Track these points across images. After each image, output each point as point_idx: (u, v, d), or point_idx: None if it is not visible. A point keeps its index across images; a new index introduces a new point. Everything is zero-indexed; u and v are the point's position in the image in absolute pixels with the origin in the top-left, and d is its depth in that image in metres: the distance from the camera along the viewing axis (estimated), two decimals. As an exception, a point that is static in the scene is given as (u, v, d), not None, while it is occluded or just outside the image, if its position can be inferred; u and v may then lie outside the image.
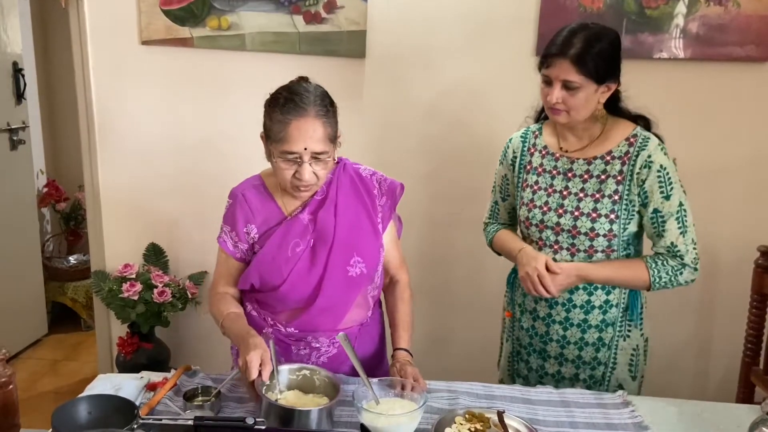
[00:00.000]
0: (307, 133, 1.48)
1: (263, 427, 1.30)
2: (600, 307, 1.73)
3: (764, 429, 1.24)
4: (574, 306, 1.74)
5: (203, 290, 2.83)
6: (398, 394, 1.43)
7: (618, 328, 1.75)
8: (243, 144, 2.73)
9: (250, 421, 1.29)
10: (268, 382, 1.40)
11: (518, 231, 1.87)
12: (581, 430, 1.41)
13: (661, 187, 1.62)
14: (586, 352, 1.75)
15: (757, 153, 2.52)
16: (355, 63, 2.55)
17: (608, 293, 1.72)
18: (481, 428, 1.35)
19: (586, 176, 1.69)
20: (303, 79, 1.57)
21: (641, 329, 1.78)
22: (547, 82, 1.63)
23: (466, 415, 1.40)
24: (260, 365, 1.37)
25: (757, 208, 2.55)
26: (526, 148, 1.80)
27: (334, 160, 1.59)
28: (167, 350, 2.88)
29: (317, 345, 1.64)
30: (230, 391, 1.52)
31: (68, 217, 3.98)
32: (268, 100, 1.55)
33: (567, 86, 1.59)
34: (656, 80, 2.45)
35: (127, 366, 2.74)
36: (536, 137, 1.80)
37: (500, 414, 1.37)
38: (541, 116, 1.84)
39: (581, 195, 1.69)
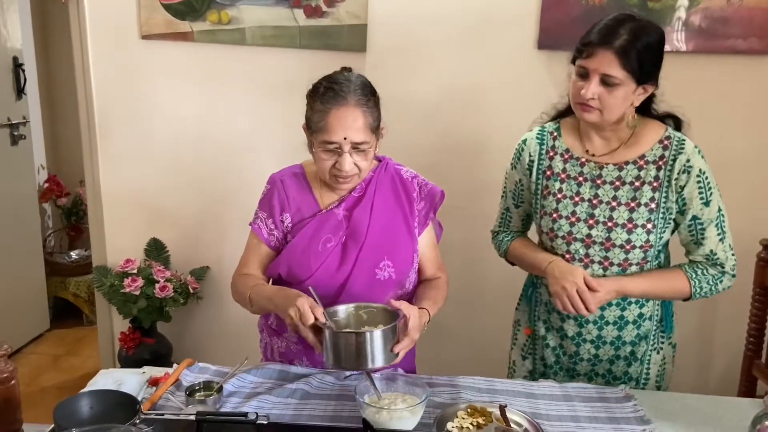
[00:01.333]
0: (346, 122, 1.46)
1: (265, 422, 1.30)
2: (634, 321, 1.63)
3: (767, 423, 1.23)
4: (607, 323, 1.62)
5: (205, 285, 2.84)
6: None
7: (651, 342, 1.66)
8: (243, 138, 2.74)
9: (252, 416, 1.29)
10: (325, 321, 1.37)
11: (538, 242, 1.74)
12: (583, 424, 1.41)
13: (701, 193, 1.51)
14: (617, 367, 1.66)
15: (759, 146, 2.51)
16: (355, 57, 2.54)
17: (641, 306, 1.62)
18: (483, 422, 1.35)
19: (617, 183, 1.55)
20: (345, 69, 1.55)
21: (671, 338, 1.70)
22: (583, 74, 1.48)
23: (468, 409, 1.40)
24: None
25: (760, 202, 2.55)
26: (544, 151, 1.64)
27: (376, 150, 1.56)
28: (169, 345, 2.89)
29: None
30: (232, 386, 1.52)
31: (69, 213, 3.98)
32: (309, 91, 1.54)
33: (605, 81, 1.45)
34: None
35: (129, 361, 2.74)
36: (555, 139, 1.64)
37: (502, 408, 1.37)
38: (560, 116, 1.70)
39: (614, 204, 1.55)
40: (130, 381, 1.52)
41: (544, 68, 2.44)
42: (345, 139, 1.47)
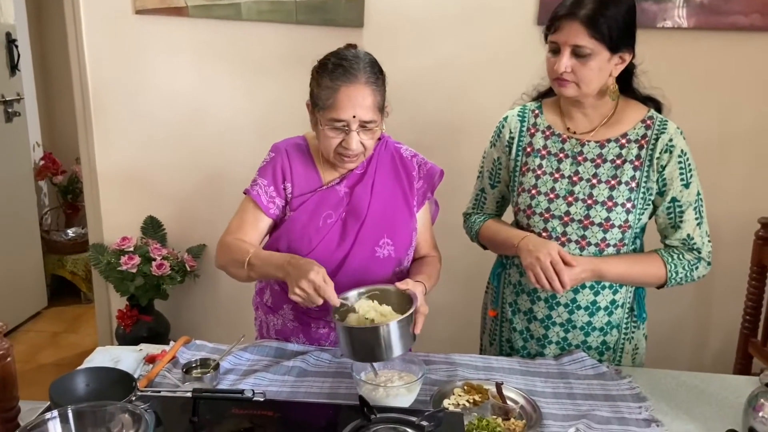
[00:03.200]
0: (356, 100, 1.44)
1: (262, 399, 1.30)
2: (606, 308, 1.60)
3: (763, 400, 1.24)
4: (579, 307, 1.59)
5: (201, 263, 2.83)
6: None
7: (623, 331, 1.63)
8: (239, 114, 2.71)
9: (249, 393, 1.29)
10: (339, 304, 1.36)
11: (514, 222, 1.70)
12: (579, 401, 1.41)
13: (681, 174, 1.50)
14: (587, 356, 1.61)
15: (759, 124, 2.50)
16: (352, 33, 2.51)
17: (615, 292, 1.59)
18: (480, 399, 1.36)
19: (598, 160, 1.53)
20: (351, 46, 1.52)
21: (644, 328, 1.68)
22: (555, 50, 1.47)
23: (465, 387, 1.40)
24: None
25: (759, 180, 2.54)
26: (525, 128, 1.62)
27: (382, 130, 1.54)
28: (166, 323, 2.89)
29: None
30: (229, 363, 1.52)
31: (66, 190, 3.96)
32: (316, 67, 1.50)
33: (577, 53, 1.43)
34: (659, 50, 2.39)
35: (126, 339, 2.75)
36: (536, 116, 1.62)
37: (498, 385, 1.37)
38: (541, 97, 1.68)
39: (594, 181, 1.53)
40: (126, 358, 1.52)
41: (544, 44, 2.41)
42: (354, 117, 1.44)
